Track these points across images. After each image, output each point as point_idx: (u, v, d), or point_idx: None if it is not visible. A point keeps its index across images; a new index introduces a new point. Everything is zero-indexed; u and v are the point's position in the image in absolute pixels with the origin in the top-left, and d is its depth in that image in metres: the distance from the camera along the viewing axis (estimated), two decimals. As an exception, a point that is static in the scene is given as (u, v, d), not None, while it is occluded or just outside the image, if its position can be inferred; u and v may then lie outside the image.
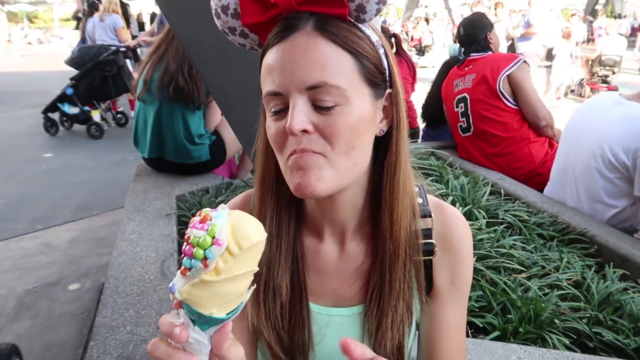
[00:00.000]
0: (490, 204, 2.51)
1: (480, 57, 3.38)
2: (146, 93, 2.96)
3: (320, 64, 0.69)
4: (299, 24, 0.70)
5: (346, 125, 0.71)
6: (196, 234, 0.53)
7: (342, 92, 0.70)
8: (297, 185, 0.72)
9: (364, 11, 0.71)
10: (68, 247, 3.73)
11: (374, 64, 0.74)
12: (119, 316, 1.65)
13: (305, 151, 0.70)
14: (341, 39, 0.70)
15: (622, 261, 2.12)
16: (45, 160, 6.00)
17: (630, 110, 2.44)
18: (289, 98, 0.70)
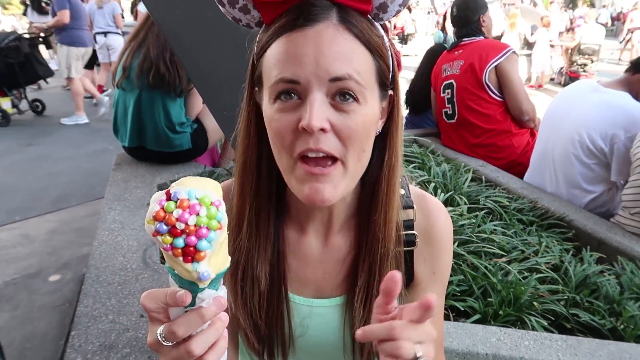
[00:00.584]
0: (471, 191, 2.53)
1: (470, 42, 3.32)
2: (125, 80, 2.91)
3: (347, 57, 0.67)
4: (322, 14, 0.67)
5: (362, 126, 0.69)
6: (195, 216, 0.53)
7: (362, 90, 0.68)
8: (308, 197, 0.70)
9: (385, 10, 0.70)
10: (47, 238, 3.67)
11: (386, 65, 0.73)
12: (100, 305, 1.64)
13: (321, 150, 0.67)
14: (365, 36, 0.69)
15: (599, 245, 2.17)
16: (22, 150, 5.87)
17: (608, 97, 2.49)
18: (307, 89, 0.67)
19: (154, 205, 0.53)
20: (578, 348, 1.46)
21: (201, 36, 1.92)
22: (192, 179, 0.57)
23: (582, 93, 2.65)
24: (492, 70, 3.11)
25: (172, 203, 0.53)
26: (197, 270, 0.55)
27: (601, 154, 2.43)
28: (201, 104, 3.09)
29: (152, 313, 0.58)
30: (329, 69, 0.66)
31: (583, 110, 2.53)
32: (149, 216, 0.54)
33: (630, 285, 1.81)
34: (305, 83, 0.66)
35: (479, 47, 3.24)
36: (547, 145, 2.73)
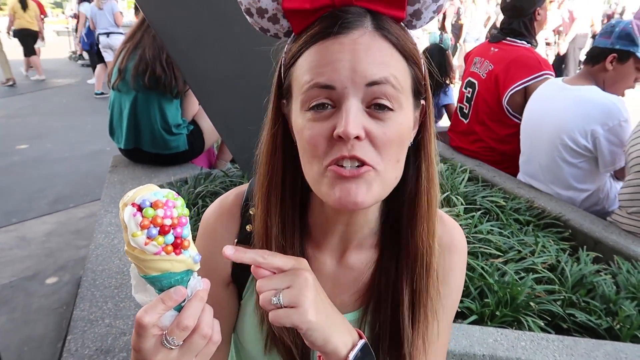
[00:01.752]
0: (468, 191, 2.54)
1: (510, 45, 3.06)
2: (121, 82, 2.90)
3: (384, 63, 0.65)
4: (356, 22, 0.66)
5: (397, 135, 0.68)
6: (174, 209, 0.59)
7: (399, 96, 0.67)
8: (341, 199, 0.67)
9: (419, 17, 0.69)
10: (44, 240, 3.67)
11: (422, 74, 0.72)
12: (97, 309, 1.64)
13: (356, 158, 0.65)
14: (401, 44, 0.68)
15: (595, 244, 2.17)
16: (18, 152, 5.86)
17: (577, 93, 2.50)
18: (342, 96, 0.65)
19: (133, 219, 0.57)
20: (574, 348, 1.46)
21: (196, 38, 1.92)
22: (138, 189, 0.60)
23: (551, 95, 2.63)
24: (519, 92, 2.92)
25: (149, 209, 0.57)
26: (190, 256, 0.61)
27: (586, 151, 2.44)
28: (197, 105, 3.09)
29: (150, 329, 0.58)
30: (366, 74, 0.64)
31: (557, 113, 2.53)
32: (133, 230, 0.56)
33: (627, 285, 1.81)
34: (340, 89, 0.65)
35: (513, 59, 2.99)
36: (532, 152, 2.72)
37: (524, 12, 3.03)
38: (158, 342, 0.59)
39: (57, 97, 9.30)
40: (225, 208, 0.90)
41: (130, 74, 2.83)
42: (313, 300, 0.63)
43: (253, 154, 0.83)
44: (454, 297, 0.89)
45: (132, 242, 0.57)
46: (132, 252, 0.58)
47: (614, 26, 2.47)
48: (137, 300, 0.63)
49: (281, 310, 0.63)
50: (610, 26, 2.50)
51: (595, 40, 2.52)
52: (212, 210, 0.91)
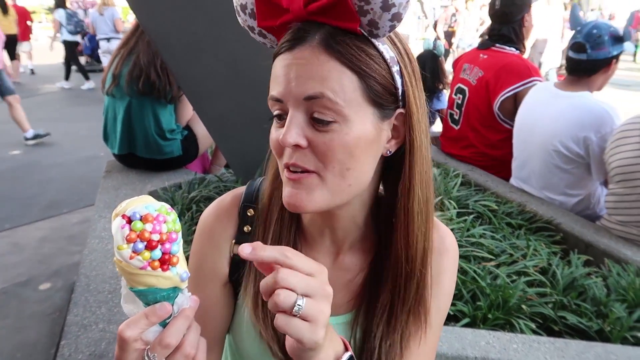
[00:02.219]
0: (460, 195, 2.55)
1: (499, 51, 3.08)
2: (115, 88, 2.91)
3: (320, 77, 0.67)
4: (307, 36, 0.69)
5: (341, 145, 0.69)
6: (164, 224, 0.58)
7: (340, 109, 0.68)
8: (286, 202, 0.73)
9: (377, 27, 0.68)
10: (38, 246, 3.65)
11: (381, 84, 0.71)
12: (90, 314, 1.64)
13: (296, 166, 0.70)
14: (346, 56, 0.68)
15: (587, 247, 2.19)
16: (12, 158, 5.83)
17: (570, 100, 2.52)
18: (288, 107, 0.70)
19: (120, 232, 0.56)
20: (566, 350, 1.48)
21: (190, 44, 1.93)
22: (131, 200, 0.59)
23: (544, 101, 2.65)
24: (509, 98, 2.94)
25: (138, 222, 0.56)
26: (177, 273, 0.59)
27: (578, 157, 2.46)
28: (191, 110, 3.10)
29: (132, 343, 0.58)
30: (302, 88, 0.68)
31: (550, 119, 2.55)
32: (119, 243, 0.56)
33: (617, 288, 1.83)
34: (285, 102, 0.70)
35: (503, 65, 3.00)
36: (524, 157, 2.75)
37: (513, 18, 3.05)
38: (140, 357, 0.59)
39: (51, 102, 9.27)
40: (223, 209, 0.92)
41: (125, 80, 2.84)
42: (327, 319, 0.60)
43: (247, 159, 0.84)
44: (445, 300, 0.90)
45: (117, 255, 0.56)
46: (119, 264, 0.57)
47: (600, 35, 2.46)
48: (125, 310, 0.62)
49: (296, 321, 0.58)
50: (597, 36, 2.47)
51: (588, 54, 2.48)
52: (210, 211, 0.93)
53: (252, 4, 0.74)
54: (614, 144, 2.24)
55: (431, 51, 4.36)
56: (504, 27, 3.09)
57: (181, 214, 2.37)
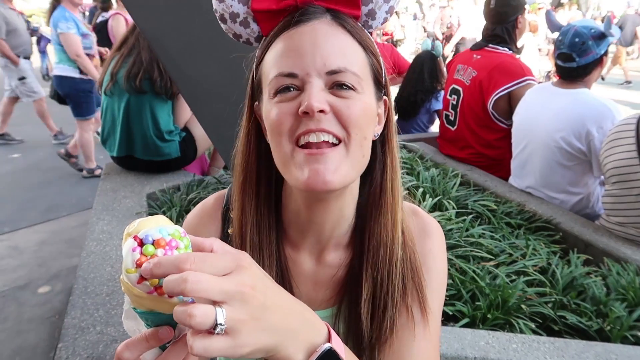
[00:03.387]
0: (459, 195, 2.55)
1: (492, 51, 3.10)
2: (113, 86, 2.90)
3: (342, 51, 0.70)
4: (316, 15, 0.72)
5: (362, 111, 0.71)
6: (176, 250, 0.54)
7: (359, 81, 0.71)
8: (309, 179, 0.68)
9: (374, 17, 0.74)
10: (37, 250, 3.64)
11: (379, 65, 0.77)
12: (88, 317, 1.63)
13: (323, 130, 0.68)
14: (358, 34, 0.73)
15: (586, 247, 2.19)
16: (11, 161, 5.83)
17: (571, 97, 2.53)
18: (305, 80, 0.69)
19: (130, 254, 0.53)
20: (565, 350, 1.47)
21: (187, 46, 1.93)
22: (145, 220, 0.57)
23: (543, 99, 2.66)
24: (503, 97, 2.95)
25: (150, 246, 0.53)
26: (183, 300, 0.53)
27: (580, 153, 2.46)
28: (189, 111, 3.09)
29: None
30: (326, 62, 0.69)
31: (551, 115, 2.55)
32: (128, 266, 0.53)
33: (617, 287, 1.83)
34: (302, 75, 0.69)
35: (496, 65, 3.01)
36: (524, 155, 2.75)
37: (507, 18, 3.07)
38: None
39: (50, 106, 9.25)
40: (207, 211, 0.92)
41: (123, 78, 2.83)
42: (252, 324, 0.50)
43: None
44: (439, 280, 0.88)
45: (125, 277, 0.53)
46: (126, 284, 0.54)
47: (584, 42, 2.46)
48: (125, 327, 0.60)
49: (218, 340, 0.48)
50: (581, 44, 2.47)
51: (577, 62, 2.48)
52: (194, 213, 0.93)
53: None
54: (608, 145, 2.24)
55: (430, 52, 4.36)
56: (497, 27, 3.11)
57: (179, 216, 2.37)
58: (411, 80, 4.35)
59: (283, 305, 0.56)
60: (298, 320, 0.58)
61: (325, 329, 0.61)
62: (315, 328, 0.60)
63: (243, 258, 0.54)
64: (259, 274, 0.54)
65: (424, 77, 4.28)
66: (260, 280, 0.53)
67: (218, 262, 0.51)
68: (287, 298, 0.59)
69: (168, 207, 2.49)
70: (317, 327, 0.60)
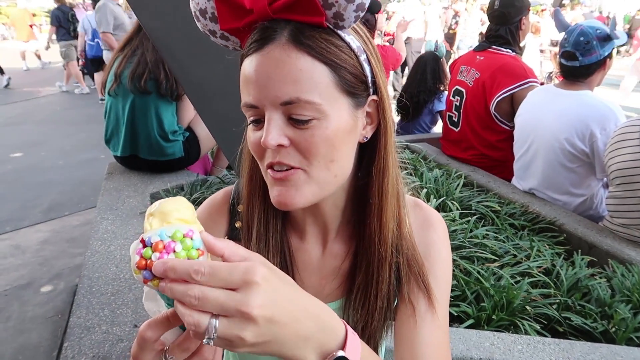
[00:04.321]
0: (463, 196, 2.55)
1: (496, 53, 3.09)
2: (117, 87, 2.89)
3: (293, 79, 0.66)
4: (274, 35, 0.68)
5: (323, 139, 0.69)
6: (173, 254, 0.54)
7: (317, 107, 0.68)
8: (276, 201, 0.73)
9: (342, 19, 0.68)
10: (39, 249, 3.64)
11: (352, 74, 0.72)
12: (93, 316, 1.63)
13: (282, 164, 0.70)
14: (317, 50, 0.68)
15: (590, 248, 2.19)
16: (12, 160, 5.83)
17: (573, 99, 2.52)
18: (264, 111, 0.69)
19: (134, 256, 0.55)
20: (570, 351, 1.47)
21: (192, 46, 1.93)
22: (165, 202, 0.58)
23: (546, 101, 2.66)
24: (505, 99, 2.94)
25: (149, 249, 0.54)
26: None
27: (583, 155, 2.46)
28: (193, 111, 3.09)
29: (152, 344, 0.58)
30: (278, 94, 0.67)
31: (554, 117, 2.55)
32: (133, 267, 0.55)
33: (621, 288, 1.83)
34: (261, 107, 0.69)
35: (499, 66, 3.01)
36: (527, 156, 2.74)
37: (511, 19, 3.06)
38: (157, 357, 0.59)
39: (52, 105, 9.27)
40: (215, 206, 0.94)
41: (127, 78, 2.83)
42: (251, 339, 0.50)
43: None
44: (443, 270, 0.87)
45: (135, 277, 0.55)
46: None
47: (588, 42, 2.46)
48: (146, 308, 0.61)
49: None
50: (585, 43, 2.47)
51: (580, 61, 2.48)
52: (202, 208, 0.95)
53: (212, 7, 0.72)
54: (612, 147, 2.24)
55: (433, 52, 4.37)
56: (501, 28, 3.10)
57: (183, 215, 2.37)
58: (414, 80, 4.35)
59: (296, 313, 0.54)
60: (312, 326, 0.56)
61: (342, 333, 0.60)
62: (331, 333, 0.59)
63: (255, 271, 0.51)
64: (271, 288, 0.52)
65: (427, 77, 4.29)
66: (270, 295, 0.51)
67: (228, 277, 0.50)
68: (303, 302, 0.57)
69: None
70: (333, 332, 0.59)
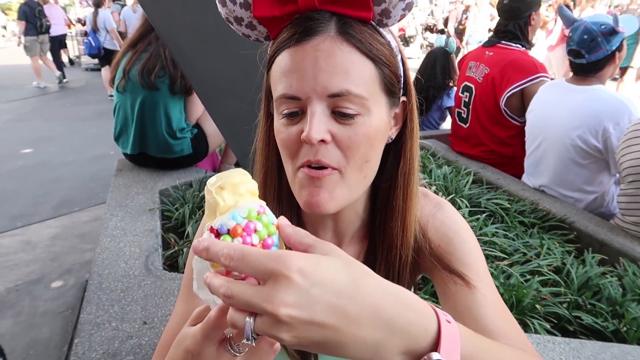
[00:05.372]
0: (472, 193, 2.54)
1: (505, 48, 3.07)
2: (126, 83, 2.89)
3: (344, 71, 0.65)
4: (320, 26, 0.66)
5: (366, 137, 0.69)
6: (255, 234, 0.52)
7: (364, 102, 0.67)
8: (307, 202, 0.71)
9: (389, 16, 0.68)
10: (49, 244, 3.67)
11: (393, 72, 0.72)
12: (103, 312, 1.64)
13: (321, 163, 0.68)
14: (365, 45, 0.67)
15: (601, 246, 2.17)
16: (23, 156, 5.88)
17: (584, 94, 2.50)
18: (307, 103, 0.67)
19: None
20: (581, 351, 1.46)
21: (201, 44, 1.93)
22: (235, 174, 0.55)
23: (558, 96, 2.64)
24: (515, 94, 2.93)
25: (227, 236, 0.51)
26: None
27: (596, 151, 2.44)
28: (201, 108, 3.09)
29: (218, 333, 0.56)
30: (327, 85, 0.65)
31: (566, 113, 2.53)
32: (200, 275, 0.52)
33: (633, 287, 1.81)
34: (305, 99, 0.67)
35: (509, 61, 2.99)
36: (538, 153, 2.72)
37: (520, 14, 3.04)
38: (221, 348, 0.56)
39: (61, 101, 9.33)
40: None
41: (137, 74, 2.83)
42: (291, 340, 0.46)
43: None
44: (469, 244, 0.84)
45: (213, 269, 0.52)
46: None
47: (593, 39, 2.44)
48: (201, 296, 0.58)
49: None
50: (589, 41, 2.45)
51: (587, 58, 2.46)
52: None
53: None
54: (625, 144, 2.21)
55: (443, 48, 4.34)
56: (510, 23, 3.08)
57: (192, 212, 2.38)
58: (423, 75, 4.33)
59: (355, 315, 0.46)
60: (382, 330, 0.47)
61: (432, 330, 0.50)
62: (416, 333, 0.49)
63: (289, 263, 0.45)
64: (309, 284, 0.45)
65: (436, 72, 4.26)
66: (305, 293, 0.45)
67: (257, 265, 0.46)
68: (371, 302, 0.47)
69: (181, 204, 2.50)
70: (419, 331, 0.49)
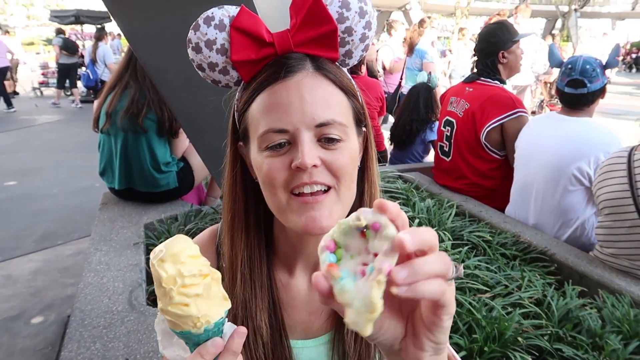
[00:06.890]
0: (455, 226, 2.57)
1: (484, 84, 3.17)
2: (110, 126, 2.91)
3: (327, 103, 0.73)
4: (299, 65, 0.74)
5: (349, 159, 0.75)
6: None
7: (345, 129, 0.75)
8: (306, 224, 0.74)
9: (350, 57, 0.78)
10: (30, 279, 3.61)
11: (360, 104, 0.80)
12: (85, 350, 1.62)
13: (317, 183, 0.73)
14: (339, 79, 0.76)
15: (581, 278, 2.21)
16: (6, 189, 5.82)
17: (577, 124, 2.64)
18: (296, 135, 0.72)
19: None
20: (562, 384, 1.47)
21: (187, 80, 1.97)
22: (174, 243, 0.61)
23: (548, 126, 2.76)
24: (495, 128, 3.01)
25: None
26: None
27: (586, 178, 2.54)
28: (187, 142, 3.12)
29: None
30: (314, 116, 0.72)
31: (557, 141, 2.63)
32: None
33: (612, 319, 1.84)
34: (293, 130, 0.72)
35: (487, 97, 3.08)
36: (527, 180, 2.80)
37: (489, 54, 3.19)
38: None
39: (46, 133, 9.30)
40: (202, 246, 0.93)
41: (119, 116, 2.84)
42: None
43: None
44: None
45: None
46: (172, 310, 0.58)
47: (594, 69, 2.59)
48: (167, 355, 0.64)
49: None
50: (591, 71, 2.59)
51: (589, 87, 2.59)
52: None
53: (224, 39, 0.75)
54: (601, 177, 2.28)
55: (425, 83, 4.46)
56: (479, 63, 3.25)
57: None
58: (407, 109, 4.43)
59: None
60: None
61: None
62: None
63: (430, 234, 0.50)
64: None
65: (419, 106, 4.36)
66: None
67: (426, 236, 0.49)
68: None
69: (166, 238, 2.49)
70: None
